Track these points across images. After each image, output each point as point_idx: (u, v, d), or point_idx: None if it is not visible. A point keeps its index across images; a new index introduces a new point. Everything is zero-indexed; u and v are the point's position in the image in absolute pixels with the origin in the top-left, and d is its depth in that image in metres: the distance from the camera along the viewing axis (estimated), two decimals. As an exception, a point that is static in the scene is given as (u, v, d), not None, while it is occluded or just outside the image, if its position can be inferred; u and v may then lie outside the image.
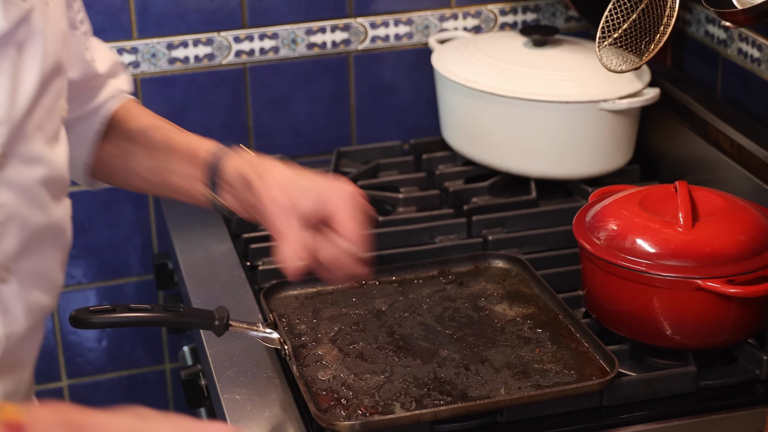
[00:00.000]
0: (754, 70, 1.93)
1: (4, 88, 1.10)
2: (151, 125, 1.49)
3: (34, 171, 1.15)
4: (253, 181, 1.41)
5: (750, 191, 1.81)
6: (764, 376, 1.50)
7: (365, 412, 1.41)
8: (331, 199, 1.39)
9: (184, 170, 1.46)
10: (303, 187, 1.40)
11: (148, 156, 1.48)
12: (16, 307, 1.16)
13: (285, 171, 1.42)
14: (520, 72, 1.96)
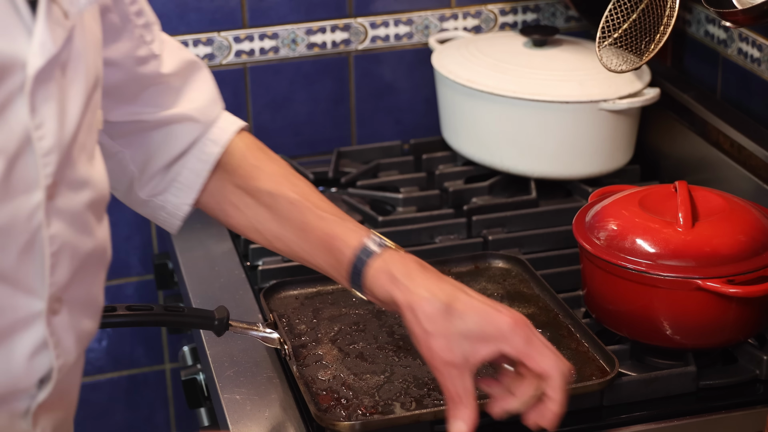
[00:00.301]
0: (754, 70, 1.93)
1: (53, 114, 1.03)
2: (282, 196, 1.38)
3: (81, 196, 1.10)
4: (401, 311, 1.30)
5: (750, 191, 1.81)
6: (764, 376, 1.51)
7: (365, 412, 1.41)
8: (510, 349, 1.25)
9: (321, 259, 1.38)
10: (471, 330, 1.26)
11: (278, 224, 1.40)
12: (67, 337, 1.11)
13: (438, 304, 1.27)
14: (521, 72, 1.96)
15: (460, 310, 1.27)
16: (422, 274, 1.31)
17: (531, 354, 1.25)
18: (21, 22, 0.99)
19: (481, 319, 1.26)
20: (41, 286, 1.06)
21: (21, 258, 1.04)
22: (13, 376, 1.07)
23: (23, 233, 1.04)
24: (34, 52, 0.99)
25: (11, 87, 0.99)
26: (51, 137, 1.03)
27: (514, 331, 1.25)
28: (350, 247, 1.34)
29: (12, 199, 1.02)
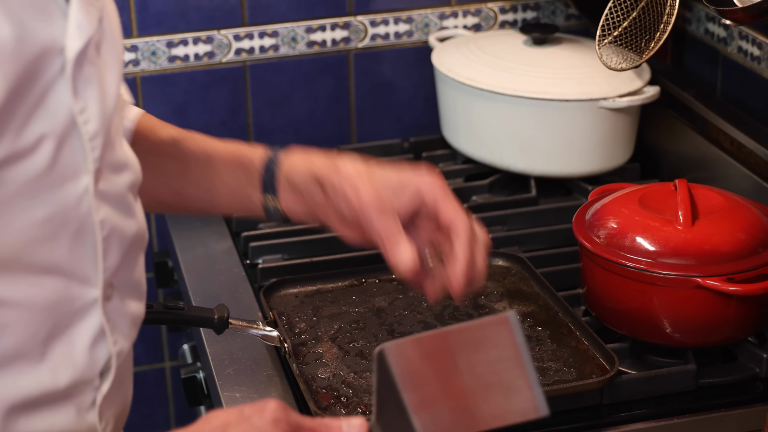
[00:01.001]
0: (754, 68, 1.93)
1: (95, 97, 1.03)
2: (180, 136, 1.40)
3: (122, 178, 1.10)
4: (326, 179, 1.32)
5: (750, 189, 1.80)
6: (764, 374, 1.50)
7: (365, 410, 1.41)
8: (427, 193, 1.31)
9: (230, 179, 1.38)
10: (391, 181, 1.32)
11: (183, 169, 1.40)
12: (122, 322, 1.11)
13: (361, 165, 1.33)
14: (520, 70, 1.96)
15: (379, 169, 1.34)
16: (347, 156, 1.35)
17: (444, 203, 1.32)
18: (56, 4, 0.98)
19: (400, 172, 1.33)
20: (95, 274, 1.06)
21: (73, 246, 1.03)
22: (77, 368, 1.07)
23: (74, 221, 1.03)
24: (72, 34, 0.99)
25: (52, 72, 0.98)
26: (95, 120, 1.03)
27: (432, 182, 1.32)
28: (258, 155, 1.37)
29: (60, 186, 1.01)
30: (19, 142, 0.96)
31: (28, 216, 0.99)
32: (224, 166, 1.38)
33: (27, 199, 0.98)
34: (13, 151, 0.96)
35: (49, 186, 1.00)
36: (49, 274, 1.03)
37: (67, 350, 1.06)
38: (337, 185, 1.32)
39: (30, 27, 0.95)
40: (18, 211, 0.98)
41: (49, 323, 1.04)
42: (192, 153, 1.39)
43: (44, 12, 0.97)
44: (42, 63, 0.96)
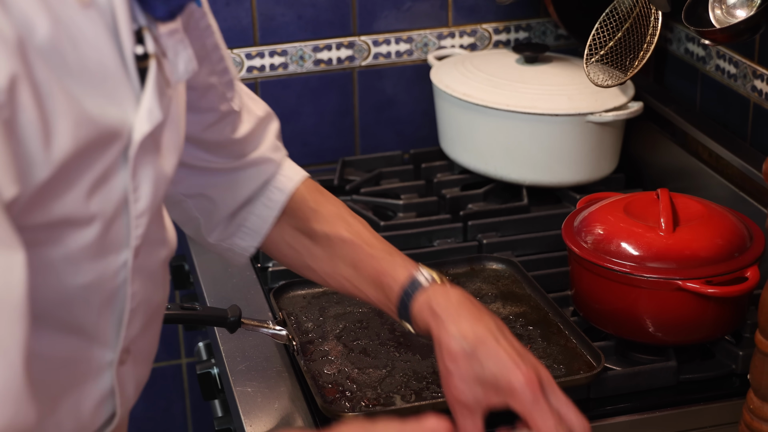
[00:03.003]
0: (731, 85, 1.93)
1: (150, 178, 1.00)
2: (337, 236, 1.35)
3: (159, 253, 1.08)
4: (433, 339, 1.26)
5: (727, 198, 1.81)
6: (740, 370, 1.51)
7: (368, 403, 1.41)
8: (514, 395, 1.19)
9: (372, 294, 1.34)
10: (484, 376, 1.21)
11: (331, 263, 1.36)
12: (129, 385, 1.10)
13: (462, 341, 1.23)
14: (513, 87, 1.97)
15: (482, 356, 1.22)
16: (460, 311, 1.25)
17: (534, 415, 1.18)
18: (131, 89, 0.96)
19: (498, 371, 1.21)
20: (115, 339, 1.04)
21: (101, 313, 1.02)
22: (81, 423, 1.05)
23: (107, 290, 1.01)
24: (142, 118, 0.96)
25: (117, 151, 0.95)
26: (145, 200, 1.00)
27: (524, 390, 1.19)
28: (398, 282, 1.30)
29: (102, 258, 0.99)
30: (79, 210, 0.94)
31: (69, 280, 0.97)
32: (367, 283, 1.34)
33: (72, 264, 0.96)
34: (73, 216, 0.94)
35: (93, 257, 0.97)
36: (73, 333, 1.01)
37: (75, 406, 1.04)
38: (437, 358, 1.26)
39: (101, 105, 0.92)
40: (61, 273, 0.96)
41: (64, 379, 1.02)
42: (343, 257, 1.36)
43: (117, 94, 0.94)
44: (110, 141, 0.94)
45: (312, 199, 1.37)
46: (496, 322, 1.25)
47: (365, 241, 1.35)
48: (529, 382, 1.19)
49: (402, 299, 1.29)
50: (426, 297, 1.28)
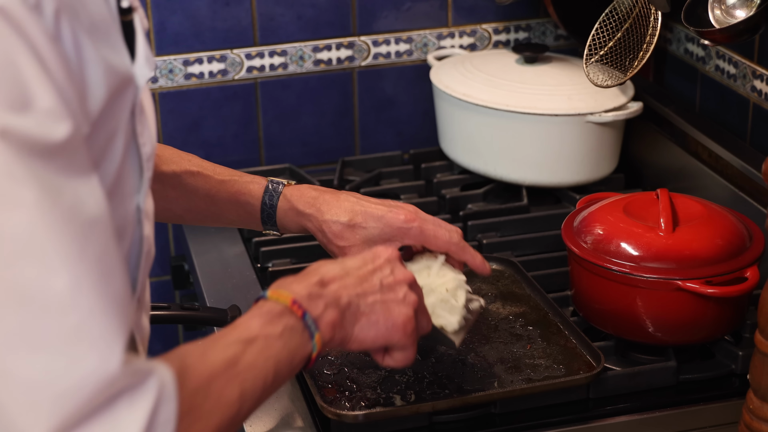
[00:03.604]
0: (730, 85, 1.93)
1: (147, 126, 1.05)
2: (185, 172, 1.45)
3: (151, 200, 1.11)
4: (313, 233, 1.43)
5: (726, 198, 1.81)
6: (740, 370, 1.51)
7: (368, 404, 1.41)
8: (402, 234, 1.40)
9: (234, 214, 1.47)
10: (371, 236, 1.42)
11: (186, 199, 1.46)
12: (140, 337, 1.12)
13: (338, 220, 1.44)
14: (513, 87, 1.97)
15: (360, 222, 1.43)
16: (321, 200, 1.45)
17: (427, 240, 1.42)
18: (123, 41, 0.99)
19: (378, 224, 1.41)
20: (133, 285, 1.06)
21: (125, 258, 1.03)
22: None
23: (129, 235, 1.04)
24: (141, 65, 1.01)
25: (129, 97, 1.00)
26: (150, 145, 1.05)
27: (409, 226, 1.41)
28: (255, 197, 1.46)
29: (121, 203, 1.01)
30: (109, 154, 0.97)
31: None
32: (226, 205, 1.47)
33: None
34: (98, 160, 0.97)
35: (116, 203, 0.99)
36: None
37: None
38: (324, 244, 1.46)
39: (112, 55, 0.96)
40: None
41: None
42: (197, 190, 1.46)
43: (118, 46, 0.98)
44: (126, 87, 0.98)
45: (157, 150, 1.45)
46: (354, 195, 1.46)
47: (212, 170, 1.47)
48: (409, 217, 1.42)
49: (264, 210, 1.46)
50: (285, 201, 1.46)
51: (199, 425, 0.98)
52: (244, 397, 1.04)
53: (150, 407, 0.91)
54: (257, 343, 1.08)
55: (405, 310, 1.24)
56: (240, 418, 1.05)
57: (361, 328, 1.21)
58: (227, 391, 1.02)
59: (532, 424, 1.42)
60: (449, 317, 1.39)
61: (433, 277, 1.41)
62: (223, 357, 1.04)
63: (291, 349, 1.11)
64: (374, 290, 1.22)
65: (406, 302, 1.24)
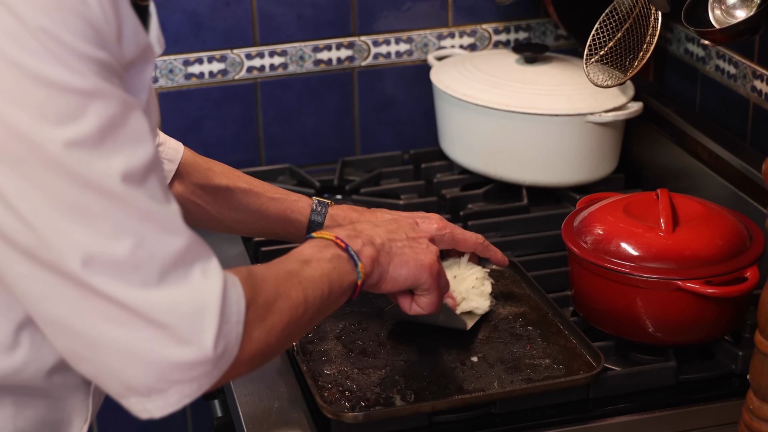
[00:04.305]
0: (730, 85, 1.93)
1: (155, 97, 1.17)
2: (237, 187, 1.57)
3: None
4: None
5: (726, 198, 1.81)
6: (740, 370, 1.51)
7: (368, 404, 1.41)
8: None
9: (281, 230, 1.60)
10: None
11: (237, 212, 1.58)
12: None
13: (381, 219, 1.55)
14: (513, 87, 1.97)
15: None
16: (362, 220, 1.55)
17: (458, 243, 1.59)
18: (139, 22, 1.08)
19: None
20: None
21: None
22: None
23: None
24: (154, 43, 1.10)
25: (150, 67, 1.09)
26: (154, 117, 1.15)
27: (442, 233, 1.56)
28: (304, 215, 1.58)
29: None
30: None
31: None
32: (275, 221, 1.59)
33: None
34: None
35: None
36: None
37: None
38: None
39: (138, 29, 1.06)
40: None
41: None
42: (248, 205, 1.58)
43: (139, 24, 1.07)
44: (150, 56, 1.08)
45: (202, 161, 1.58)
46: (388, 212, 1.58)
47: (262, 188, 1.59)
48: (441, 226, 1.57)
49: (310, 228, 1.58)
50: (332, 220, 1.58)
51: (273, 318, 1.12)
52: (308, 303, 1.18)
53: (221, 280, 1.05)
54: (312, 263, 1.23)
55: (430, 256, 1.39)
56: (304, 323, 1.18)
57: (395, 266, 1.35)
58: (294, 292, 1.16)
59: (532, 424, 1.42)
60: (481, 301, 1.59)
61: (462, 270, 1.61)
62: (285, 268, 1.19)
63: (341, 272, 1.26)
64: (402, 238, 1.38)
65: (430, 250, 1.40)
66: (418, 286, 1.38)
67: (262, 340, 1.10)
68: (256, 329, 1.09)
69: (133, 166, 0.99)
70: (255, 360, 1.11)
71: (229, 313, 1.05)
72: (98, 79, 0.97)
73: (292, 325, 1.15)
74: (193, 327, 1.01)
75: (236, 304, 1.06)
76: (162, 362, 1.01)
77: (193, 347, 1.01)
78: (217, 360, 1.04)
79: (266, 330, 1.11)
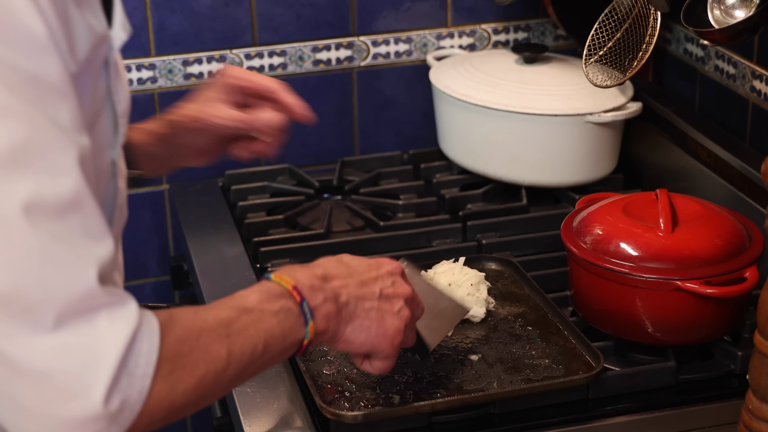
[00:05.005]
0: (729, 85, 1.93)
1: (126, 84, 1.14)
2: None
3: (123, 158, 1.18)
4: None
5: (726, 198, 1.81)
6: (739, 370, 1.51)
7: (367, 404, 1.41)
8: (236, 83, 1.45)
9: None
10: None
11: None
12: None
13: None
14: (512, 87, 1.97)
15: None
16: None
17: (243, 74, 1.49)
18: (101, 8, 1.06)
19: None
20: None
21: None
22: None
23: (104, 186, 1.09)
24: (117, 28, 1.07)
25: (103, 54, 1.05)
26: (124, 103, 1.11)
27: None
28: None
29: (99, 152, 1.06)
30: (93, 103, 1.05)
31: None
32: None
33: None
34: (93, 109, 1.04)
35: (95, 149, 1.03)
36: None
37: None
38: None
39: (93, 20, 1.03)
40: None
41: None
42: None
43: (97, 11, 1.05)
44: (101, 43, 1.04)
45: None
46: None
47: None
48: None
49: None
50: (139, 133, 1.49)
51: (182, 373, 1.02)
52: (232, 358, 1.07)
53: (130, 330, 0.96)
54: (252, 313, 1.11)
55: (397, 322, 1.27)
56: (225, 381, 1.07)
57: (353, 329, 1.24)
58: (215, 346, 1.05)
59: (531, 424, 1.42)
60: (476, 308, 1.57)
61: (457, 275, 1.59)
62: (215, 316, 1.08)
63: (284, 329, 1.14)
64: (373, 297, 1.25)
65: (400, 316, 1.27)
66: (374, 354, 1.28)
67: (163, 395, 1.00)
68: (159, 383, 0.99)
69: (43, 198, 0.91)
70: (154, 417, 1.00)
71: (133, 365, 0.96)
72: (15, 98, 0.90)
73: (207, 383, 1.04)
74: (80, 378, 0.93)
75: (145, 356, 0.97)
76: (51, 419, 0.93)
77: (81, 401, 0.93)
78: (111, 417, 0.95)
79: (169, 386, 1.00)
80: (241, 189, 2.05)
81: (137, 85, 2.08)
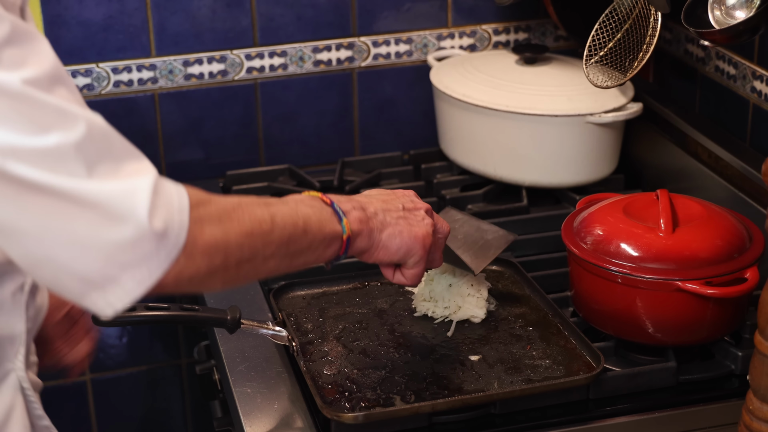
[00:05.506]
0: (730, 86, 1.93)
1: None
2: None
3: None
4: None
5: (726, 199, 1.81)
6: (739, 371, 1.51)
7: (368, 404, 1.41)
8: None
9: None
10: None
11: None
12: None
13: None
14: (513, 88, 1.97)
15: None
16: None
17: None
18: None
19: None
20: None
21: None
22: None
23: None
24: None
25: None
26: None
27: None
28: None
29: None
30: None
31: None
32: None
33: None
34: None
35: None
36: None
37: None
38: None
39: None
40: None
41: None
42: None
43: None
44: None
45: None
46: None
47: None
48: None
49: None
50: None
51: (231, 224, 1.11)
52: (275, 223, 1.17)
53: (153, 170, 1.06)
54: (289, 203, 1.22)
55: (424, 227, 1.38)
56: (273, 245, 1.16)
57: (388, 236, 1.34)
58: (258, 210, 1.16)
59: (531, 424, 1.42)
60: (476, 309, 1.58)
61: (457, 277, 1.59)
62: (255, 197, 1.19)
63: (321, 218, 1.25)
64: (397, 210, 1.37)
65: (425, 223, 1.38)
66: (408, 259, 1.37)
67: (218, 237, 1.09)
68: (210, 226, 1.09)
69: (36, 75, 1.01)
70: (213, 256, 1.10)
71: (167, 194, 1.06)
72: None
73: (256, 239, 1.14)
74: (124, 203, 1.02)
75: (176, 194, 1.07)
76: (104, 244, 1.02)
77: (129, 223, 1.02)
78: (158, 238, 1.04)
79: (222, 230, 1.10)
80: (241, 189, 2.05)
81: (138, 85, 2.08)
